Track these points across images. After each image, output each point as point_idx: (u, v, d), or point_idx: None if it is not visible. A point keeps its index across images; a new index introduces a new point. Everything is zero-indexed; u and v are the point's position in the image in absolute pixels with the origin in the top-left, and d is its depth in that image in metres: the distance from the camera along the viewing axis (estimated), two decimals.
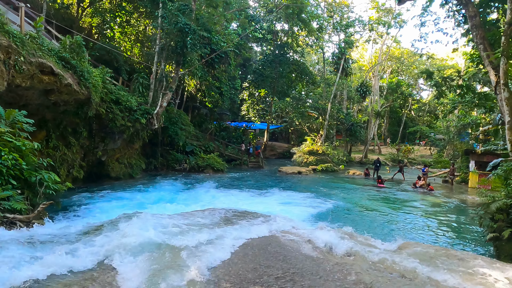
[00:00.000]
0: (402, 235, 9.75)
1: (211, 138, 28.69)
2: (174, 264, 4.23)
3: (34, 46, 9.89)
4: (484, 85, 18.81)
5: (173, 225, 5.89)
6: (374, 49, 50.60)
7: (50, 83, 10.43)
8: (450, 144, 34.49)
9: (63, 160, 12.96)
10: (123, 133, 16.02)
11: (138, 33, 25.53)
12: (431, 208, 14.56)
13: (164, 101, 18.67)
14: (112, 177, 16.38)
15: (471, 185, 21.08)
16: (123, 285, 3.65)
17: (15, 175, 7.01)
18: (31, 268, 3.62)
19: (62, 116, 12.69)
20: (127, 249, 4.45)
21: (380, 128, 59.55)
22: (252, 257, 4.81)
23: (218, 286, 3.91)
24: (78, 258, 4.10)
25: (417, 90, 61.85)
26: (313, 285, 3.94)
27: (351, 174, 26.58)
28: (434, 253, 5.33)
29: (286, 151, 40.13)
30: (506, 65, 9.28)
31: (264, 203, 13.11)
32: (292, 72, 36.78)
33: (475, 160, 21.64)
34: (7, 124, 7.58)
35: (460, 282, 4.24)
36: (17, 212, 6.48)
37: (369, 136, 42.89)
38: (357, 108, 52.29)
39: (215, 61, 24.64)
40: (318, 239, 5.85)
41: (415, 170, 31.10)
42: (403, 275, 4.42)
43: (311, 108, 37.91)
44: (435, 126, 47.44)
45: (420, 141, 54.60)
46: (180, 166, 21.88)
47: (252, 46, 42.58)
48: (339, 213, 12.66)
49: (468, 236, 10.23)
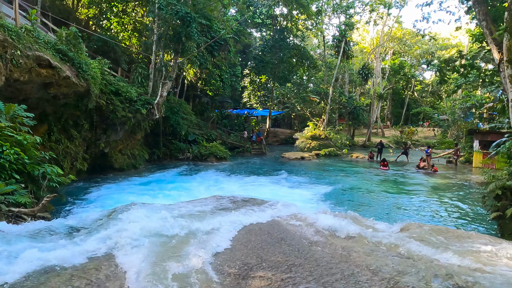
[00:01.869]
0: (406, 216, 9.77)
1: (213, 126, 28.65)
2: (177, 251, 4.26)
3: (30, 40, 9.80)
4: (487, 63, 18.49)
5: (176, 213, 5.92)
6: (376, 31, 49.85)
7: (49, 76, 10.36)
8: (454, 125, 34.23)
9: (66, 153, 13.01)
10: (124, 124, 16.01)
11: (135, 23, 25.22)
12: (435, 189, 14.55)
13: (164, 91, 18.57)
14: (116, 168, 16.46)
15: (475, 165, 21.02)
16: (127, 274, 3.68)
17: (18, 169, 7.05)
18: (34, 259, 3.65)
19: (62, 109, 12.66)
20: (130, 238, 4.48)
21: (383, 110, 59.16)
22: (255, 243, 4.84)
23: (221, 272, 3.94)
24: (82, 249, 4.14)
25: (419, 71, 61.08)
26: (316, 268, 3.96)
27: (355, 157, 26.55)
28: (438, 233, 5.33)
29: (289, 137, 40.07)
30: (510, 41, 9.07)
31: (267, 189, 13.17)
32: (293, 57, 36.37)
33: (479, 140, 21.52)
34: (7, 119, 7.58)
35: (464, 261, 4.24)
36: (22, 206, 6.55)
37: (372, 119, 42.65)
38: (359, 91, 51.86)
39: (215, 48, 24.36)
40: (322, 223, 5.87)
41: (419, 151, 30.98)
42: (407, 256, 4.43)
43: (312, 92, 37.61)
44: (438, 106, 46.99)
45: (423, 123, 54.27)
46: (183, 155, 21.93)
47: (251, 32, 42.03)
48: (342, 197, 12.69)
49: (472, 216, 10.24)
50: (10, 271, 3.42)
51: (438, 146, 33.50)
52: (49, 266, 3.63)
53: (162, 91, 18.47)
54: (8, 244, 4.10)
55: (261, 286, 3.62)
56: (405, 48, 57.37)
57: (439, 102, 54.94)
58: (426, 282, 3.53)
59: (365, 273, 3.79)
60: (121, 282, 3.55)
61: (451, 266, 4.04)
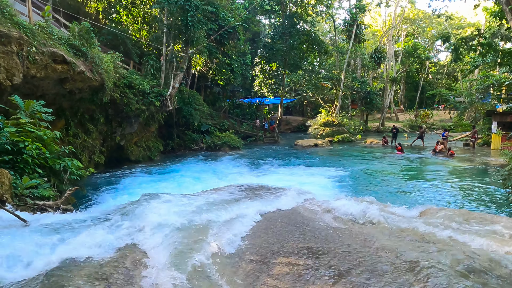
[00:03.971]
0: (424, 201, 9.68)
1: (225, 116, 28.68)
2: (198, 240, 4.35)
3: (44, 36, 9.94)
4: (506, 42, 17.83)
5: (195, 202, 6.02)
6: (388, 13, 48.54)
7: (64, 71, 10.53)
8: (471, 106, 33.35)
9: (84, 146, 13.30)
10: (138, 116, 16.21)
11: (144, 14, 25.21)
12: (453, 173, 14.32)
13: (176, 82, 18.64)
14: (132, 160, 16.75)
15: (493, 147, 20.54)
16: (151, 262, 3.79)
17: (40, 164, 7.26)
18: (60, 251, 3.80)
19: (78, 104, 12.90)
20: (152, 228, 4.60)
21: (397, 94, 58.03)
22: (274, 230, 4.89)
23: (242, 259, 4.02)
24: (107, 238, 4.28)
25: (434, 52, 59.39)
26: (336, 254, 3.98)
27: (369, 143, 26.26)
28: (457, 217, 5.28)
29: (301, 124, 39.82)
30: None
31: (282, 177, 13.20)
32: (303, 43, 35.79)
33: (498, 121, 20.93)
34: (27, 115, 7.76)
35: (485, 243, 4.21)
36: (46, 199, 6.76)
37: (385, 104, 41.92)
38: (372, 75, 50.88)
39: (224, 37, 24.20)
40: (340, 209, 5.88)
41: (434, 135, 30.40)
42: (426, 239, 4.42)
43: (324, 78, 37.11)
44: (454, 88, 45.75)
45: (439, 105, 53.05)
46: (197, 146, 22.12)
47: (260, 20, 41.49)
48: (358, 182, 12.63)
49: (491, 198, 10.06)
50: (47, 259, 3.60)
51: (454, 129, 32.77)
52: (78, 256, 3.77)
53: (174, 83, 18.54)
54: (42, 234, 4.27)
55: (283, 271, 3.68)
56: (419, 30, 55.77)
57: (454, 83, 53.51)
58: (447, 265, 3.51)
59: (387, 257, 3.80)
60: (147, 269, 3.66)
61: (472, 249, 4.01)
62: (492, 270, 3.41)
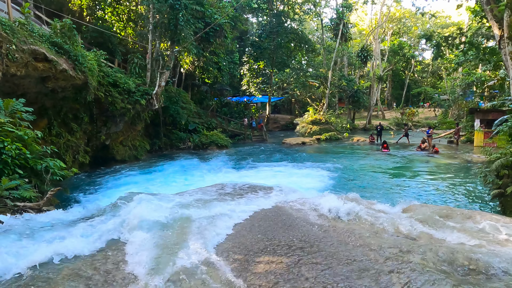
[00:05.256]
0: (408, 197, 9.83)
1: (213, 114, 28.57)
2: (180, 240, 4.31)
3: (24, 33, 9.69)
4: (488, 40, 18.25)
5: (179, 202, 5.97)
6: (374, 12, 49.05)
7: (45, 70, 10.30)
8: (455, 104, 34.04)
9: (68, 146, 13.05)
10: (124, 115, 15.99)
11: (129, 12, 24.84)
12: (436, 170, 14.60)
13: (162, 81, 18.46)
14: (118, 160, 16.53)
15: (476, 144, 20.99)
16: (131, 264, 3.74)
17: (21, 165, 7.07)
18: (40, 252, 3.71)
19: (61, 103, 12.63)
20: (133, 229, 4.54)
21: (383, 92, 58.78)
22: (259, 228, 4.89)
23: (226, 258, 4.00)
24: (88, 239, 4.20)
25: (419, 51, 60.38)
26: (320, 252, 4.01)
27: (355, 141, 26.55)
28: (439, 213, 5.37)
29: (289, 122, 39.98)
30: (510, 17, 8.94)
31: (269, 175, 13.22)
32: (291, 41, 35.90)
33: (480, 119, 21.42)
34: (6, 114, 7.55)
35: (466, 239, 4.29)
36: (27, 201, 6.60)
37: (372, 102, 42.42)
38: (359, 74, 51.40)
39: (210, 35, 24.05)
40: (324, 207, 5.91)
41: (420, 132, 30.92)
42: (408, 236, 4.49)
43: (312, 77, 37.31)
44: (439, 86, 46.61)
45: (424, 103, 53.96)
46: (184, 145, 21.97)
47: (248, 18, 41.39)
48: (344, 180, 12.75)
49: (474, 195, 10.30)
50: (20, 264, 3.48)
51: (439, 127, 33.41)
52: (58, 257, 3.69)
53: (160, 81, 18.36)
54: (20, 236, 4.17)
55: (266, 270, 3.68)
56: (404, 29, 56.56)
57: (439, 82, 54.52)
58: (429, 261, 3.58)
59: (369, 254, 3.84)
60: (128, 270, 3.61)
61: (453, 245, 4.09)
62: (469, 265, 3.48)
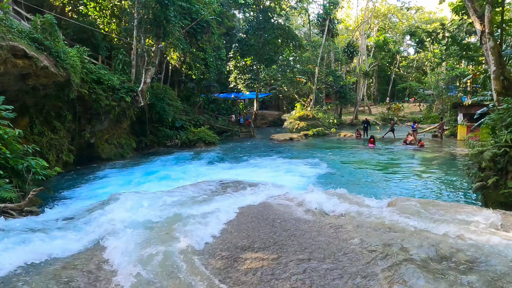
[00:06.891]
0: (393, 191, 9.98)
1: (200, 111, 28.36)
2: (167, 238, 4.27)
3: (3, 29, 9.41)
4: (470, 36, 18.62)
5: (165, 200, 5.91)
6: (360, 8, 49.39)
7: (25, 67, 10.02)
8: (439, 99, 34.67)
9: (51, 145, 12.75)
10: (109, 113, 15.72)
11: (113, 7, 24.35)
12: (422, 163, 14.85)
13: (147, 77, 18.20)
14: (103, 158, 16.24)
15: (459, 138, 21.46)
16: (116, 263, 3.68)
17: (1, 164, 6.88)
18: (23, 253, 3.62)
19: (43, 101, 12.32)
20: (119, 228, 4.47)
21: (369, 88, 59.40)
22: (245, 225, 4.88)
23: (213, 255, 3.98)
24: (71, 241, 4.12)
25: (404, 47, 61.21)
26: (306, 247, 4.03)
27: (342, 136, 26.79)
28: (424, 206, 5.46)
29: (277, 118, 40.01)
30: (491, 13, 9.12)
31: (256, 172, 13.22)
32: (278, 37, 35.85)
33: (463, 113, 21.88)
34: None
35: (449, 231, 4.37)
36: (7, 201, 6.43)
37: (358, 97, 42.84)
38: (345, 69, 51.78)
39: (197, 31, 23.82)
40: (310, 202, 5.94)
41: (405, 127, 31.40)
42: (392, 229, 4.54)
43: (299, 73, 37.39)
44: (424, 81, 47.37)
45: (409, 98, 54.78)
46: (171, 142, 21.75)
47: (234, 14, 41.13)
48: (331, 175, 12.84)
49: (457, 187, 10.52)
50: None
51: (424, 121, 33.99)
52: (40, 259, 3.60)
53: (145, 78, 18.10)
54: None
55: (253, 267, 3.67)
56: (390, 24, 57.17)
57: (424, 77, 55.42)
58: (412, 252, 3.63)
59: (353, 248, 3.88)
60: (112, 270, 3.55)
61: (436, 237, 4.17)
62: (452, 257, 3.54)
